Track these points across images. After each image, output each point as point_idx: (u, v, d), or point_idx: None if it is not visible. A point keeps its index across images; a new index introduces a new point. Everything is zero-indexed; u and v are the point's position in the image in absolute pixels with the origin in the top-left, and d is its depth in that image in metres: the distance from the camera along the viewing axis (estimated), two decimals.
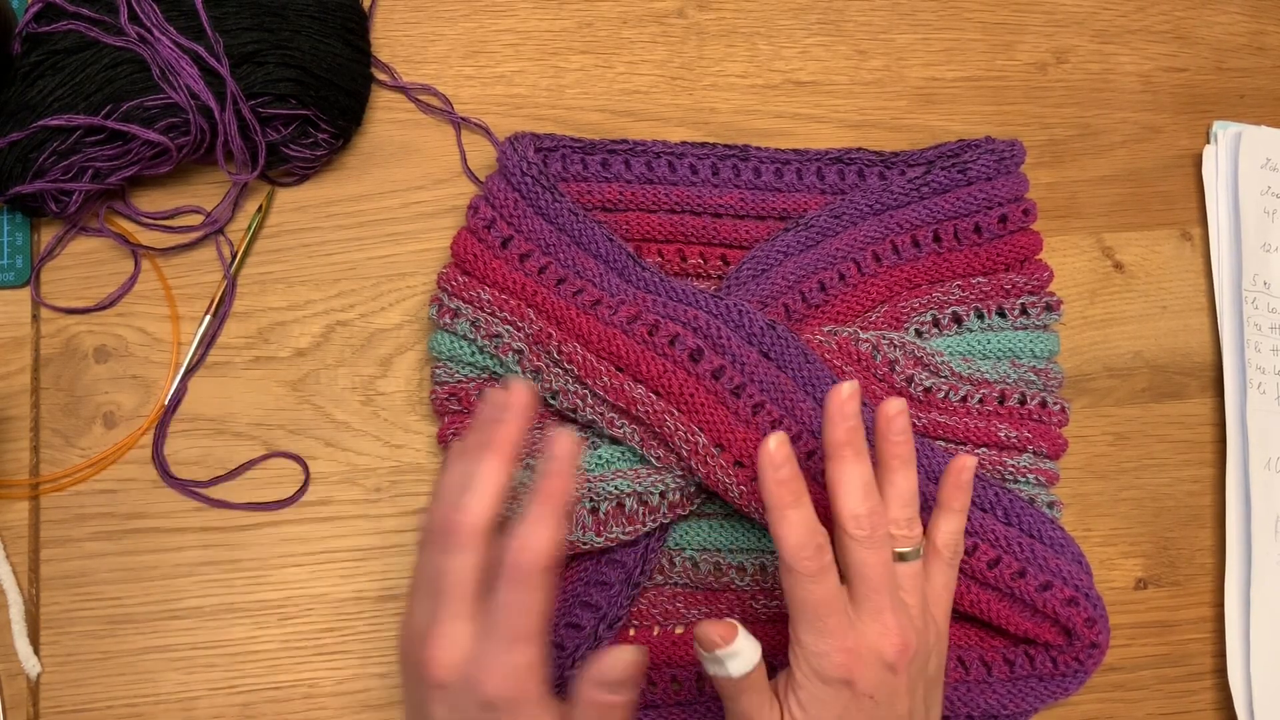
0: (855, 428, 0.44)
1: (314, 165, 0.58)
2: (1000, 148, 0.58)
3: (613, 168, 0.57)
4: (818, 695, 0.42)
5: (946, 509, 0.47)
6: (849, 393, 0.44)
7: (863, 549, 0.43)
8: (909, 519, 0.45)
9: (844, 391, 0.44)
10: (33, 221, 0.57)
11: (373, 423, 0.56)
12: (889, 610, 0.43)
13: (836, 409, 0.44)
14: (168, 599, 0.53)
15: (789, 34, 0.63)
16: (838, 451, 0.44)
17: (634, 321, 0.52)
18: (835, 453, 0.44)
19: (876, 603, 0.43)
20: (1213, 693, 0.57)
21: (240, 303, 0.57)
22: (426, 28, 0.61)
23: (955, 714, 0.51)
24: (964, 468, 0.48)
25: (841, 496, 0.44)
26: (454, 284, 0.54)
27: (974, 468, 0.48)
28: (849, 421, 0.44)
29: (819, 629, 0.42)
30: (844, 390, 0.44)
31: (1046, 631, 0.50)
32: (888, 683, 0.43)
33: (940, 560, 0.47)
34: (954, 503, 0.47)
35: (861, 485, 0.44)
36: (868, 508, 0.43)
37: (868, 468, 0.44)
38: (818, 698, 0.42)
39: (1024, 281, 0.57)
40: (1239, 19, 0.67)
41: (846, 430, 0.44)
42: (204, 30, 0.53)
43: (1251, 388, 0.59)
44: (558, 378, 0.52)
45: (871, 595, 0.43)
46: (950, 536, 0.47)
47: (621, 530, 0.51)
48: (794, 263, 0.56)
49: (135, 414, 0.55)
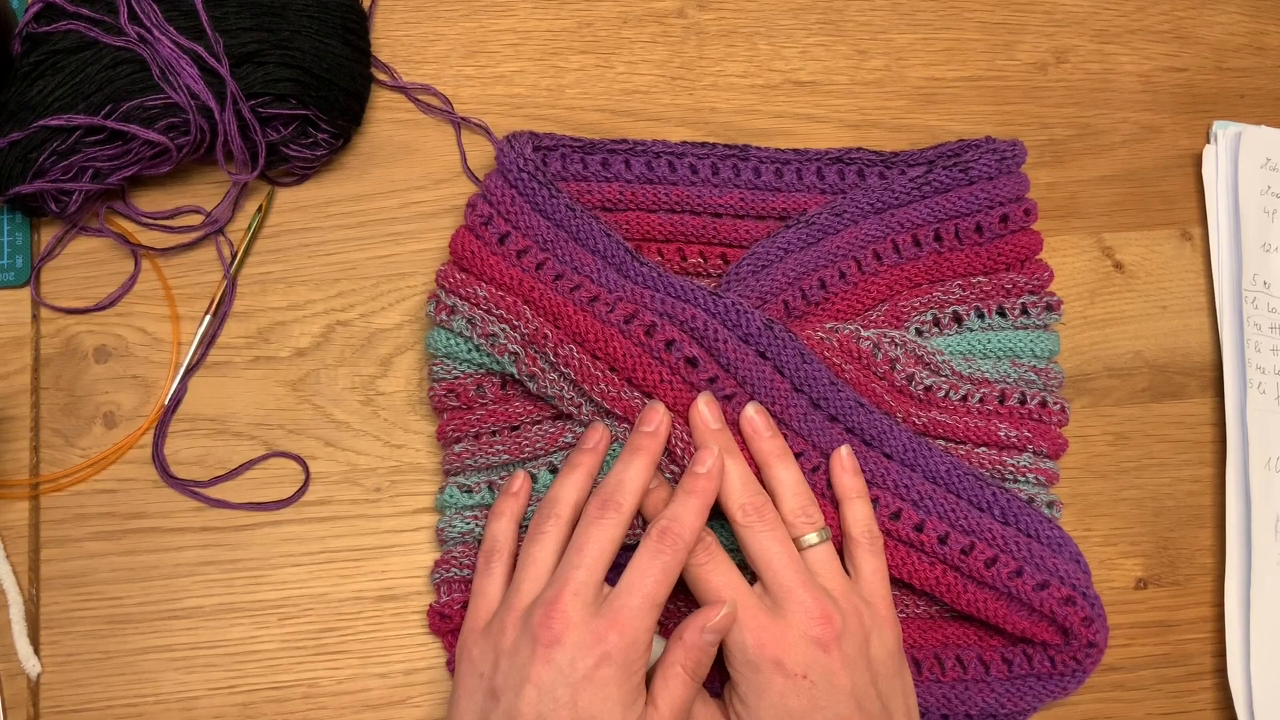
0: (720, 430, 0.49)
1: (314, 165, 0.58)
2: (1001, 147, 0.58)
3: (613, 167, 0.57)
4: (753, 685, 0.44)
5: (845, 499, 0.50)
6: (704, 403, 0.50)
7: (757, 534, 0.46)
8: (803, 507, 0.48)
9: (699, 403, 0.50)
10: (33, 221, 0.57)
11: (373, 422, 0.56)
12: (801, 588, 0.45)
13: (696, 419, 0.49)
14: (168, 599, 0.53)
15: (789, 34, 0.63)
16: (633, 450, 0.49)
17: (631, 320, 0.52)
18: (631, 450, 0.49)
19: (785, 584, 0.45)
20: (1213, 693, 0.57)
21: (240, 303, 0.57)
22: (426, 28, 0.61)
23: (954, 713, 0.51)
24: (842, 456, 0.51)
25: (724, 492, 0.48)
26: (451, 281, 0.54)
27: (850, 453, 0.51)
28: (713, 425, 0.49)
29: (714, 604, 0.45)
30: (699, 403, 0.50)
31: (1044, 631, 0.50)
32: (819, 661, 0.44)
33: (861, 548, 0.49)
34: (850, 492, 0.50)
35: (738, 476, 0.48)
36: (749, 494, 0.47)
37: (741, 462, 0.48)
38: (754, 687, 0.44)
39: (1024, 281, 0.57)
40: (1239, 19, 0.67)
41: (710, 434, 0.49)
42: (204, 30, 0.53)
43: (1251, 388, 0.59)
44: (554, 382, 0.52)
45: (778, 578, 0.46)
46: (862, 524, 0.49)
47: None
48: (795, 259, 0.56)
49: (135, 414, 0.55)
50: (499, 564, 0.49)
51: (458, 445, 0.54)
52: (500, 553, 0.49)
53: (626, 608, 0.43)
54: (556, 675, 0.42)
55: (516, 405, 0.54)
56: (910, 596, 0.53)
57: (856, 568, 0.49)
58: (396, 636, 0.53)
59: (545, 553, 0.46)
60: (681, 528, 0.45)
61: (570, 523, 0.48)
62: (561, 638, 0.42)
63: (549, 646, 0.42)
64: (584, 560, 0.44)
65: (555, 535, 0.47)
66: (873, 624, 0.47)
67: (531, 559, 0.46)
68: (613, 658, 0.42)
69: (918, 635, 0.53)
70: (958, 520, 0.51)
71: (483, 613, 0.47)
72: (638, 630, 0.43)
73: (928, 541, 0.50)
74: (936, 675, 0.51)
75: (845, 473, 0.50)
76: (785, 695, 0.43)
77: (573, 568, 0.44)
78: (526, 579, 0.46)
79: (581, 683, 0.42)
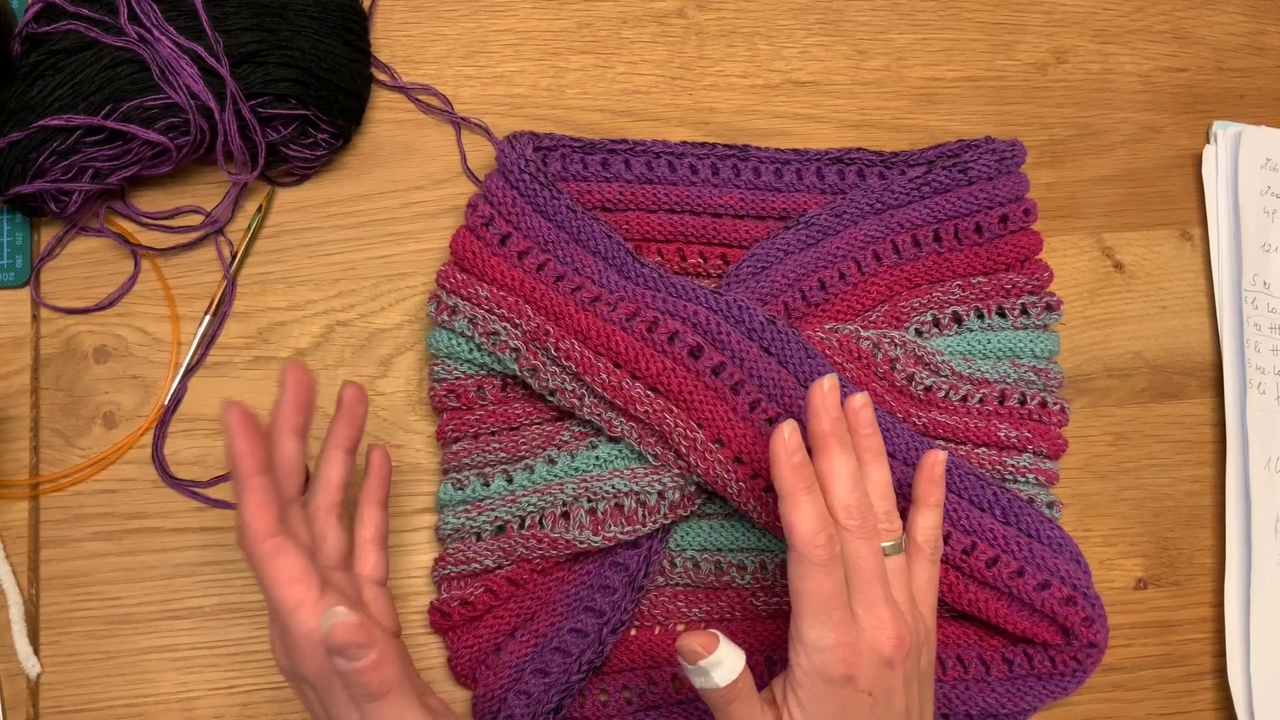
0: (839, 419, 0.45)
1: (314, 165, 0.58)
2: (1001, 148, 0.58)
3: (613, 167, 0.57)
4: (818, 694, 0.42)
5: (923, 504, 0.48)
6: (830, 385, 0.45)
7: (855, 540, 0.43)
8: (888, 512, 0.45)
9: (825, 385, 0.45)
10: (33, 221, 0.57)
11: (373, 422, 0.56)
12: (883, 604, 0.43)
13: (820, 402, 0.44)
14: (168, 599, 0.53)
15: (789, 34, 0.63)
16: (824, 443, 0.44)
17: (633, 318, 0.52)
18: (822, 444, 0.44)
19: (871, 595, 0.43)
20: (1213, 693, 0.57)
21: (240, 303, 0.57)
22: (426, 28, 0.61)
23: (954, 713, 0.51)
24: (936, 462, 0.48)
25: (832, 487, 0.44)
26: (452, 281, 0.54)
27: (945, 461, 0.48)
28: (833, 414, 0.44)
29: (825, 622, 0.42)
30: (825, 384, 0.45)
31: (1045, 630, 0.50)
32: (885, 679, 0.43)
33: (922, 556, 0.47)
34: (930, 498, 0.48)
35: (850, 476, 0.44)
36: (857, 498, 0.43)
37: (854, 460, 0.44)
38: (817, 696, 0.42)
39: (1024, 281, 0.57)
40: (1239, 19, 0.67)
41: (831, 422, 0.44)
42: (204, 30, 0.53)
43: (1251, 388, 0.59)
44: (555, 376, 0.52)
45: (866, 587, 0.43)
46: (930, 532, 0.47)
47: (620, 530, 0.51)
48: (794, 260, 0.56)
49: (135, 414, 0.55)
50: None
51: (456, 444, 0.54)
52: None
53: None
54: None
55: (516, 406, 0.54)
56: None
57: (913, 574, 0.47)
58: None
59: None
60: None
61: None
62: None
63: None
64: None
65: None
66: (925, 638, 0.46)
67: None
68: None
69: None
70: (959, 520, 0.51)
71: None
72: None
73: None
74: (937, 675, 0.51)
75: (932, 481, 0.48)
76: (848, 709, 0.42)
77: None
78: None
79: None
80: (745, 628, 0.54)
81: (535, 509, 0.52)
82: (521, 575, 0.53)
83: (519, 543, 0.52)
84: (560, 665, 0.50)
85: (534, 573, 0.53)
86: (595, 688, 0.52)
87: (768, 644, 0.53)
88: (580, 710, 0.52)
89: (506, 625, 0.53)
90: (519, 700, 0.50)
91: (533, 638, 0.52)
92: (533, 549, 0.52)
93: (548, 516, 0.52)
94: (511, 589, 0.53)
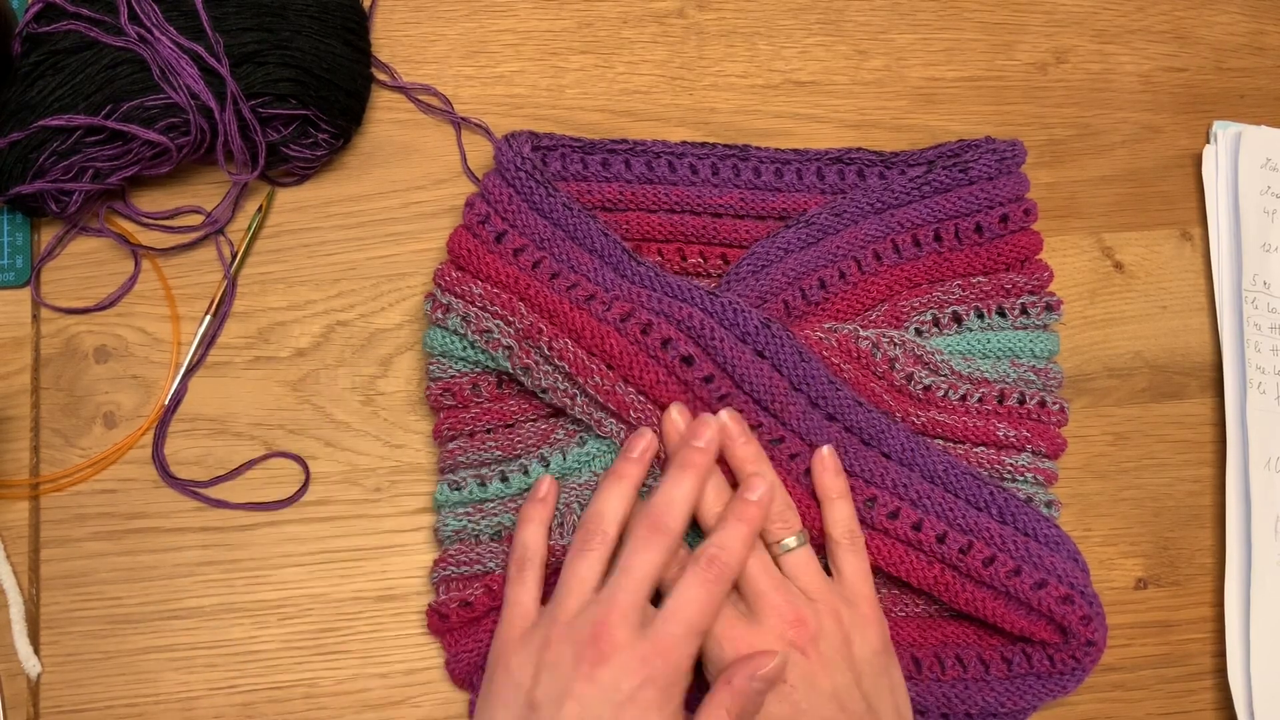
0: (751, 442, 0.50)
1: (314, 165, 0.58)
2: (1001, 148, 0.58)
3: (613, 167, 0.57)
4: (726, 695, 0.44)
5: (827, 499, 0.50)
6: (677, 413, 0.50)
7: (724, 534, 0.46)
8: (779, 512, 0.48)
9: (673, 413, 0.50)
10: (33, 221, 0.57)
11: (373, 423, 0.56)
12: (773, 591, 0.46)
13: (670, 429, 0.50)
14: (168, 599, 0.53)
15: (789, 34, 0.63)
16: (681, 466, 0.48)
17: (627, 319, 0.52)
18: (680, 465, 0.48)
19: (758, 589, 0.46)
20: (1213, 693, 0.57)
21: (240, 303, 0.57)
22: (426, 28, 0.61)
23: (954, 712, 0.51)
24: (825, 456, 0.50)
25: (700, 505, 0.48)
26: (448, 279, 0.54)
27: (831, 452, 0.51)
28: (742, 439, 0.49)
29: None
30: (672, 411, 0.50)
31: (1043, 629, 0.50)
32: (797, 665, 0.44)
33: (841, 548, 0.49)
34: (831, 492, 0.50)
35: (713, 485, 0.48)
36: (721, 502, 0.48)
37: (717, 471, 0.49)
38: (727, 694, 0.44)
39: (1024, 281, 0.57)
40: (1239, 19, 0.67)
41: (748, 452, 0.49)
42: (204, 30, 0.53)
43: (1251, 388, 0.59)
44: (547, 375, 0.52)
45: (750, 584, 0.46)
46: (843, 523, 0.49)
47: None
48: (794, 259, 0.56)
49: (135, 414, 0.55)
50: (531, 572, 0.49)
51: (452, 443, 0.54)
52: (531, 561, 0.49)
53: (671, 634, 0.43)
54: (599, 693, 0.42)
55: (511, 404, 0.54)
56: (909, 595, 0.53)
57: (838, 568, 0.49)
58: (396, 636, 0.53)
59: (591, 571, 0.46)
60: (729, 556, 0.45)
61: (616, 540, 0.47)
62: (608, 658, 0.42)
63: (594, 665, 0.42)
64: (631, 583, 0.44)
65: (601, 553, 0.46)
66: (853, 624, 0.47)
67: (577, 575, 0.46)
68: (655, 681, 0.42)
69: (917, 634, 0.53)
70: (956, 519, 0.51)
71: (518, 621, 0.47)
72: (681, 656, 0.43)
73: (926, 540, 0.50)
74: (936, 674, 0.51)
75: (826, 472, 0.50)
76: (767, 702, 0.44)
77: (620, 590, 0.44)
78: (571, 595, 0.45)
79: (625, 703, 0.42)
80: None
81: None
82: None
83: None
84: None
85: None
86: None
87: None
88: None
89: None
90: None
91: None
92: None
93: None
94: None
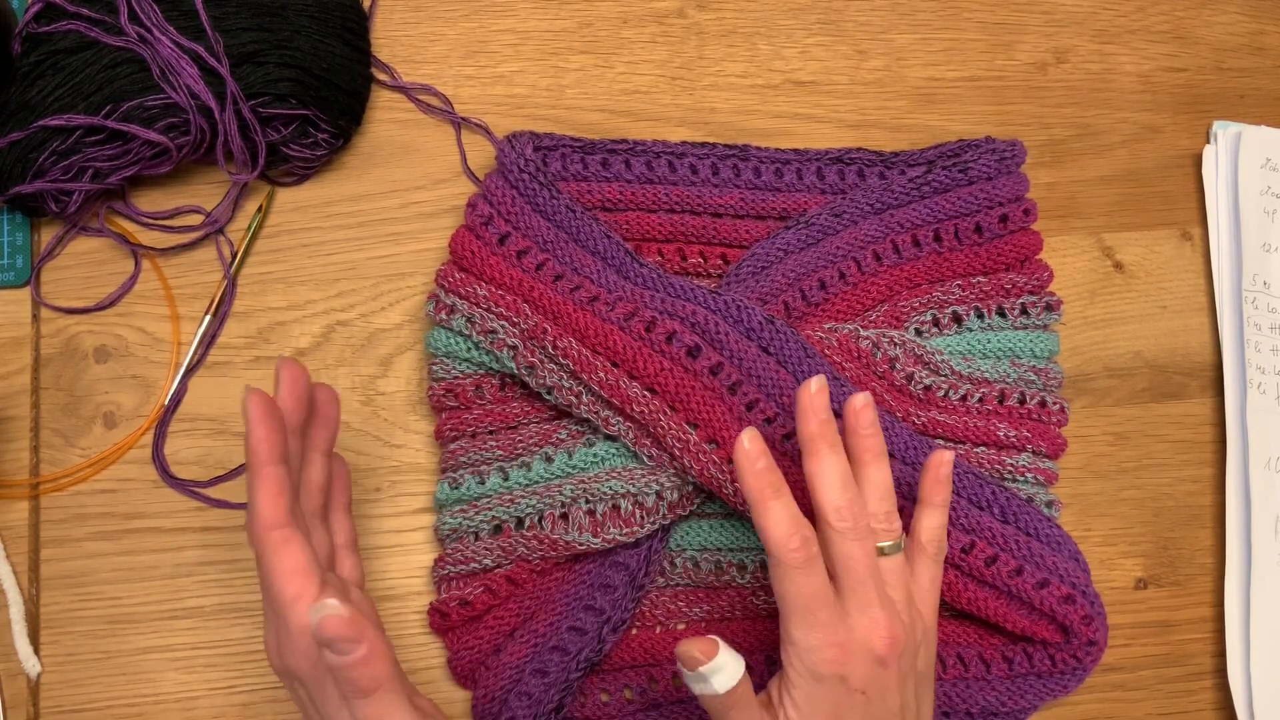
0: (827, 421, 0.44)
1: (314, 165, 0.58)
2: (1001, 147, 0.58)
3: (613, 167, 0.57)
4: (811, 693, 0.42)
5: (928, 504, 0.48)
6: (817, 387, 0.44)
7: (846, 541, 0.43)
8: (887, 512, 0.45)
9: (812, 386, 0.44)
10: (33, 221, 0.57)
11: (373, 423, 0.56)
12: (876, 604, 0.43)
13: (807, 403, 0.44)
14: (168, 599, 0.53)
15: (789, 34, 0.63)
16: (812, 445, 0.44)
17: (631, 318, 0.52)
18: (810, 447, 0.44)
19: (863, 596, 0.43)
20: (1213, 693, 0.57)
21: (240, 303, 0.57)
22: (426, 28, 0.61)
23: (954, 711, 0.51)
24: (942, 462, 0.48)
25: (821, 489, 0.43)
26: (451, 280, 0.54)
27: (952, 461, 0.48)
28: (820, 415, 0.44)
29: (810, 623, 0.42)
30: (812, 385, 0.44)
31: (1044, 629, 0.50)
32: (879, 677, 0.43)
33: (925, 556, 0.47)
34: (935, 498, 0.48)
35: (839, 477, 0.44)
36: (847, 499, 0.43)
37: (844, 460, 0.44)
38: (812, 696, 0.42)
39: (1024, 281, 0.57)
40: (1239, 19, 0.67)
41: (819, 424, 0.44)
42: (204, 30, 0.53)
43: (1251, 388, 0.59)
44: (552, 373, 0.52)
45: (858, 588, 0.43)
46: (933, 532, 0.47)
47: (619, 532, 0.51)
48: (794, 260, 0.56)
49: (135, 414, 0.55)
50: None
51: (454, 444, 0.54)
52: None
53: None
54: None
55: (514, 405, 0.54)
56: None
57: (915, 574, 0.47)
58: (397, 636, 0.53)
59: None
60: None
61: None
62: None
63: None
64: None
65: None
66: (923, 637, 0.45)
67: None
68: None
69: None
70: (958, 519, 0.51)
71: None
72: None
73: None
74: (938, 673, 0.51)
75: (938, 481, 0.48)
76: (840, 708, 0.42)
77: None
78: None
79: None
80: (745, 627, 0.54)
81: (534, 510, 0.52)
82: (521, 575, 0.53)
83: (519, 543, 0.52)
84: (559, 664, 0.50)
85: (533, 573, 0.53)
86: (596, 687, 0.52)
87: (768, 643, 0.53)
88: (581, 710, 0.52)
89: (506, 626, 0.53)
90: (520, 702, 0.50)
91: (532, 638, 0.52)
92: (533, 549, 0.52)
93: (546, 518, 0.52)
94: (511, 589, 0.53)
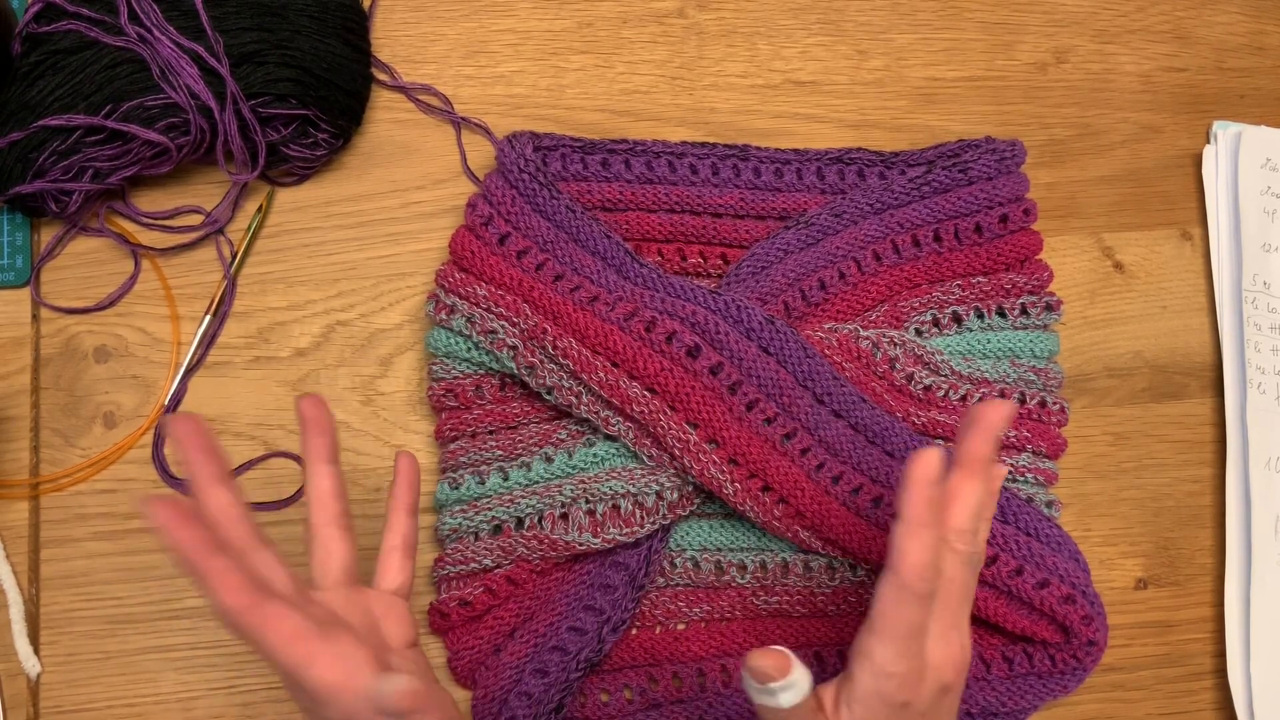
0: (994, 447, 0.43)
1: (314, 165, 0.58)
2: (1001, 148, 0.58)
3: (613, 167, 0.57)
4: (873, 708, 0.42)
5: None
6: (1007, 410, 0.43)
7: (958, 564, 0.43)
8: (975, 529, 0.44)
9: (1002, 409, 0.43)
10: (33, 221, 0.57)
11: (373, 423, 0.56)
12: (958, 630, 0.43)
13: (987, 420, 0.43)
14: (168, 599, 0.53)
15: (789, 34, 0.63)
16: (974, 466, 0.43)
17: (631, 318, 0.52)
18: (971, 466, 0.43)
19: (950, 619, 0.43)
20: (1213, 693, 0.57)
21: (240, 303, 0.57)
22: (426, 28, 0.61)
23: None
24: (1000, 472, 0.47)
25: (958, 508, 0.43)
26: (451, 280, 0.54)
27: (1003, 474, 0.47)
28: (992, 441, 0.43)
29: (898, 651, 0.41)
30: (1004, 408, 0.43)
31: (1044, 629, 0.50)
32: (939, 703, 0.43)
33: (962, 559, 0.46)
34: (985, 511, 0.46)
35: (978, 504, 0.43)
36: (973, 527, 0.43)
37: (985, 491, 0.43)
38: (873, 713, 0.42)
39: (1024, 281, 0.57)
40: (1239, 19, 0.67)
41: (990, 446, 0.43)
42: (204, 30, 0.53)
43: (1251, 388, 0.59)
44: (552, 373, 0.52)
45: (951, 609, 0.43)
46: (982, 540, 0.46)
47: (619, 532, 0.51)
48: (794, 260, 0.56)
49: (135, 414, 0.55)
50: None
51: (454, 444, 0.54)
52: None
53: None
54: None
55: (514, 406, 0.54)
56: None
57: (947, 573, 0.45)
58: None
59: None
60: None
61: None
62: None
63: None
64: None
65: None
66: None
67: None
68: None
69: None
70: None
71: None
72: None
73: None
74: None
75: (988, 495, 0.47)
76: None
77: None
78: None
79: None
80: (746, 627, 0.54)
81: (534, 510, 0.52)
82: (520, 575, 0.53)
83: (518, 543, 0.52)
84: (559, 664, 0.50)
85: (533, 573, 0.53)
86: (596, 687, 0.52)
87: (769, 643, 0.53)
88: (581, 710, 0.52)
89: (506, 626, 0.53)
90: (520, 702, 0.50)
91: (532, 638, 0.52)
92: (533, 549, 0.52)
93: (546, 518, 0.52)
94: (511, 589, 0.53)
